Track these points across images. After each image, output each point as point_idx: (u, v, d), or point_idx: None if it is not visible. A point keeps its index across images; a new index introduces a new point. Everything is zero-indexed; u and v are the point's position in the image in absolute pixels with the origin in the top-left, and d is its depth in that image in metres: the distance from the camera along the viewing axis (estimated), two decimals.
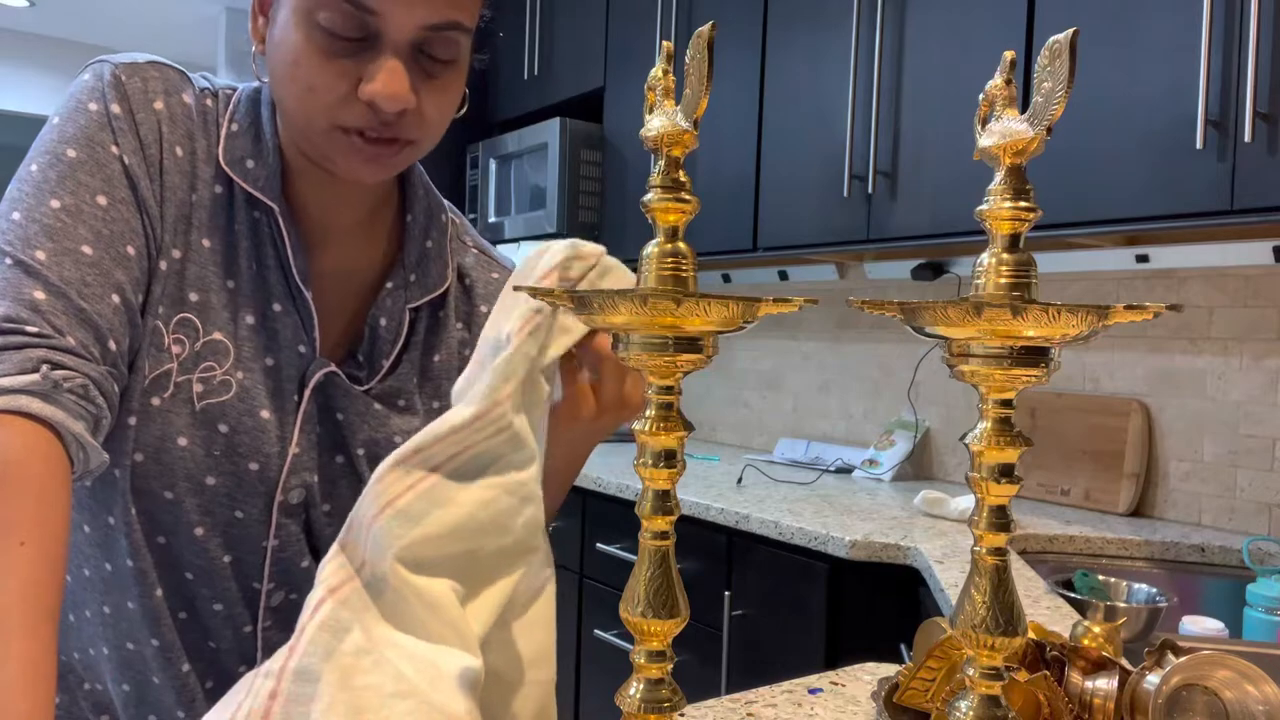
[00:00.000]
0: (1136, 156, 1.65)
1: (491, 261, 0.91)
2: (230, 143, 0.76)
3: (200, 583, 0.77)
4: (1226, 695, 0.67)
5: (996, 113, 0.55)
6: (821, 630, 1.76)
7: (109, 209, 0.70)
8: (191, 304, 0.74)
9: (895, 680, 0.76)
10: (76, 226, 0.68)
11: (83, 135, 0.70)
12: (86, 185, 0.69)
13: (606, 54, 2.94)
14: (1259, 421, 1.86)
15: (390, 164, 0.74)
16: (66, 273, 0.66)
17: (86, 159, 0.70)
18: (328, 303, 0.80)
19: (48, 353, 0.62)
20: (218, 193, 0.75)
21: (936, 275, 2.39)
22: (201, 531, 0.76)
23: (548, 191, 3.01)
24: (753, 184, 2.41)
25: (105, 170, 0.70)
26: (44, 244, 0.66)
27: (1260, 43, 1.48)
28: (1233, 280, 1.90)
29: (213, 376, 0.74)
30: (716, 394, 3.10)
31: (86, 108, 0.71)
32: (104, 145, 0.70)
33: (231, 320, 0.75)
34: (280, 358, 0.77)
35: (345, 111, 0.69)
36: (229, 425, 0.74)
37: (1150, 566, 1.74)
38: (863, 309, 0.54)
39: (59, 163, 0.69)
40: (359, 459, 0.80)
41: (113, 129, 0.71)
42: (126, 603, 0.76)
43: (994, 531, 0.57)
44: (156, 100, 0.73)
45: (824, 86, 2.24)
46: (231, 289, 0.75)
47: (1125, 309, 0.50)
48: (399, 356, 0.82)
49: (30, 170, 0.69)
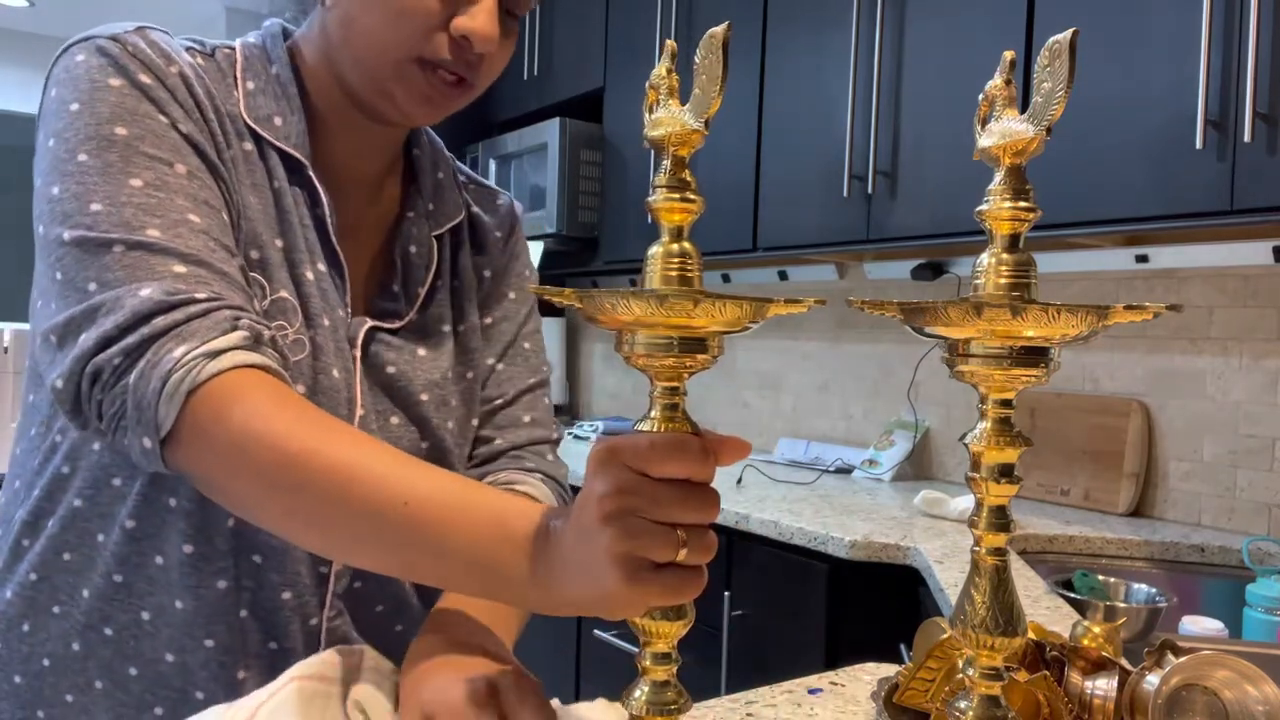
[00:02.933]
0: (1136, 156, 1.65)
1: (491, 190, 0.94)
2: (251, 100, 0.74)
3: (270, 566, 0.73)
4: (1226, 695, 0.67)
5: (996, 113, 0.55)
6: (821, 630, 1.76)
7: (189, 176, 0.67)
8: (253, 261, 0.72)
9: (895, 680, 0.76)
10: (172, 198, 0.64)
11: (123, 110, 0.66)
12: (158, 157, 0.66)
13: (606, 54, 2.94)
14: (1259, 421, 1.86)
15: (447, 107, 0.74)
16: (192, 242, 0.63)
17: (142, 132, 0.66)
18: (352, 252, 0.79)
19: (230, 312, 0.62)
20: (248, 150, 0.74)
21: (936, 275, 2.39)
22: None
23: (548, 191, 3.00)
24: (753, 184, 2.41)
25: (167, 139, 0.67)
26: (150, 221, 0.62)
27: (1260, 42, 1.48)
28: (1232, 280, 1.90)
29: (285, 335, 0.72)
30: (716, 394, 3.10)
31: (108, 84, 0.66)
32: (151, 116, 0.67)
33: (290, 278, 0.73)
34: (334, 318, 0.75)
35: (430, 43, 0.70)
36: (306, 386, 0.72)
37: (1150, 566, 1.74)
38: (863, 309, 0.54)
39: (112, 144, 0.65)
40: (424, 404, 0.79)
41: (151, 99, 0.67)
42: (175, 602, 0.71)
43: (994, 531, 0.57)
44: (171, 62, 0.70)
45: (824, 86, 2.24)
46: (281, 247, 0.74)
47: (1125, 309, 0.50)
48: (434, 284, 0.83)
49: (80, 161, 0.64)
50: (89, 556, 0.73)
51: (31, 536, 0.75)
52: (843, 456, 2.54)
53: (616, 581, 0.47)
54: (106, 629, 0.73)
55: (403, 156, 0.86)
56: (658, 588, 0.47)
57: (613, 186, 2.95)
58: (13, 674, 0.75)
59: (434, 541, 0.56)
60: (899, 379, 2.54)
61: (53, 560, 0.74)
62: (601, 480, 0.47)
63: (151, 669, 0.72)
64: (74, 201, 0.63)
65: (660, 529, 0.47)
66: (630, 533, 0.47)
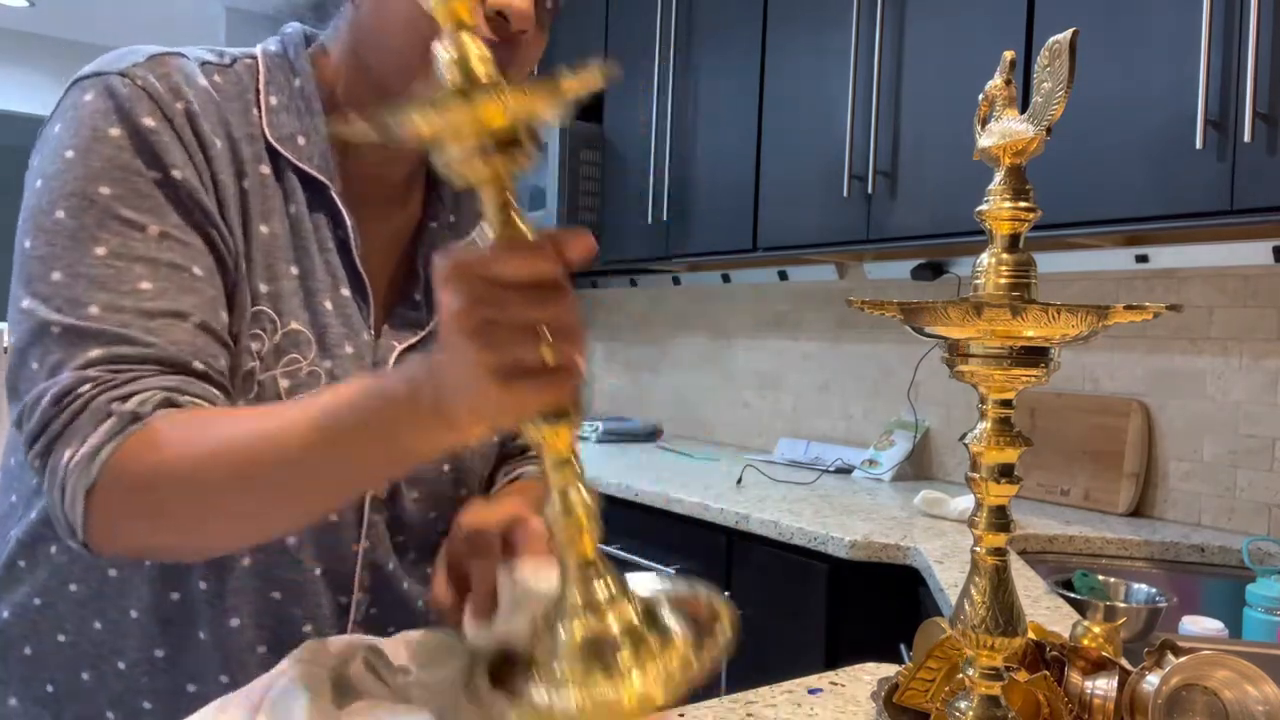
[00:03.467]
0: (1136, 156, 1.65)
1: None
2: (275, 118, 0.73)
3: (290, 601, 0.72)
4: (1226, 695, 0.67)
5: (996, 113, 0.55)
6: (821, 630, 1.76)
7: (163, 237, 0.65)
8: (263, 295, 0.70)
9: (895, 680, 0.76)
10: (131, 266, 0.64)
11: (113, 167, 0.65)
12: (132, 221, 0.65)
13: (606, 54, 2.94)
14: (1259, 421, 1.86)
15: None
16: (126, 317, 0.63)
17: (125, 192, 0.65)
18: (376, 266, 0.78)
19: (109, 393, 0.61)
20: (265, 174, 0.72)
21: (936, 275, 2.39)
22: (294, 541, 0.71)
23: (548, 191, 3.00)
24: (753, 184, 2.41)
25: (149, 200, 0.66)
26: (96, 297, 0.62)
27: (1260, 43, 1.48)
28: (1232, 280, 1.90)
29: (299, 369, 0.70)
30: (716, 394, 3.10)
31: (107, 134, 0.65)
32: (140, 172, 0.66)
33: (305, 307, 0.72)
34: (357, 344, 0.74)
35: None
36: None
37: (1150, 566, 1.74)
38: (863, 309, 0.54)
39: (92, 205, 0.64)
40: None
41: (153, 150, 0.66)
42: (198, 633, 0.71)
43: (994, 531, 0.57)
44: (180, 98, 0.68)
45: (824, 86, 2.24)
46: (298, 275, 0.72)
47: (1125, 309, 0.50)
48: None
49: (57, 219, 0.64)
50: (98, 590, 0.72)
51: (30, 559, 0.74)
52: (843, 456, 2.54)
53: (494, 390, 0.47)
54: (120, 663, 0.72)
55: (424, 164, 0.85)
56: (532, 388, 0.48)
57: (613, 186, 2.95)
58: (9, 696, 0.75)
59: (331, 435, 0.56)
60: (899, 379, 2.53)
61: (58, 589, 0.73)
62: (455, 296, 0.48)
63: (169, 701, 0.72)
64: (40, 265, 0.64)
65: (521, 331, 0.47)
66: (494, 341, 0.47)
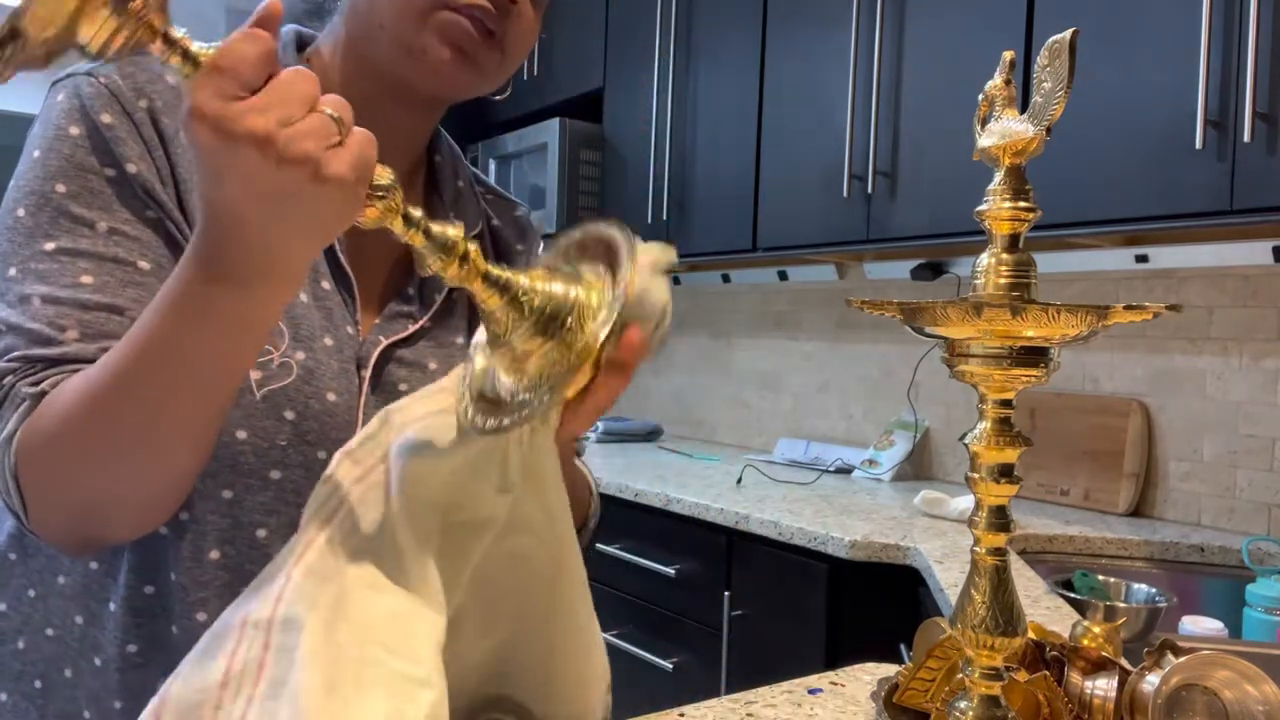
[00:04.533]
0: (1136, 156, 1.65)
1: (509, 201, 0.94)
2: None
3: None
4: (1226, 695, 0.67)
5: (996, 113, 0.55)
6: (821, 630, 1.76)
7: (111, 232, 0.67)
8: None
9: (895, 680, 0.76)
10: (75, 261, 0.66)
11: (69, 166, 0.67)
12: (81, 218, 0.67)
13: (606, 54, 2.94)
14: (1258, 421, 1.86)
15: (478, 61, 0.73)
16: (63, 309, 0.64)
17: (79, 190, 0.67)
18: (372, 263, 0.78)
19: (26, 379, 0.62)
20: None
21: (936, 275, 2.39)
22: (264, 534, 0.70)
23: (547, 191, 3.01)
24: (752, 184, 2.41)
25: (100, 196, 0.68)
26: (37, 290, 0.65)
27: (1260, 43, 1.48)
28: (1232, 280, 1.90)
29: (270, 360, 0.70)
30: (716, 394, 3.10)
31: (68, 133, 0.68)
32: (94, 170, 0.68)
33: None
34: (338, 337, 0.74)
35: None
36: (295, 411, 0.70)
37: (1150, 566, 1.74)
38: (862, 309, 0.54)
39: (48, 203, 0.67)
40: None
41: (107, 145, 0.68)
42: (171, 628, 0.70)
43: (994, 532, 0.57)
44: (144, 95, 0.70)
45: (824, 86, 2.24)
46: None
47: (1125, 309, 0.50)
48: (450, 295, 0.81)
49: (18, 216, 0.67)
50: (83, 583, 0.72)
51: (20, 551, 0.74)
52: (843, 456, 2.54)
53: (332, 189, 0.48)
54: (96, 659, 0.72)
55: (424, 165, 0.85)
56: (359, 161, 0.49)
57: (612, 186, 2.95)
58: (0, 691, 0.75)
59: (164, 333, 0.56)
60: (899, 379, 2.53)
61: (50, 581, 0.73)
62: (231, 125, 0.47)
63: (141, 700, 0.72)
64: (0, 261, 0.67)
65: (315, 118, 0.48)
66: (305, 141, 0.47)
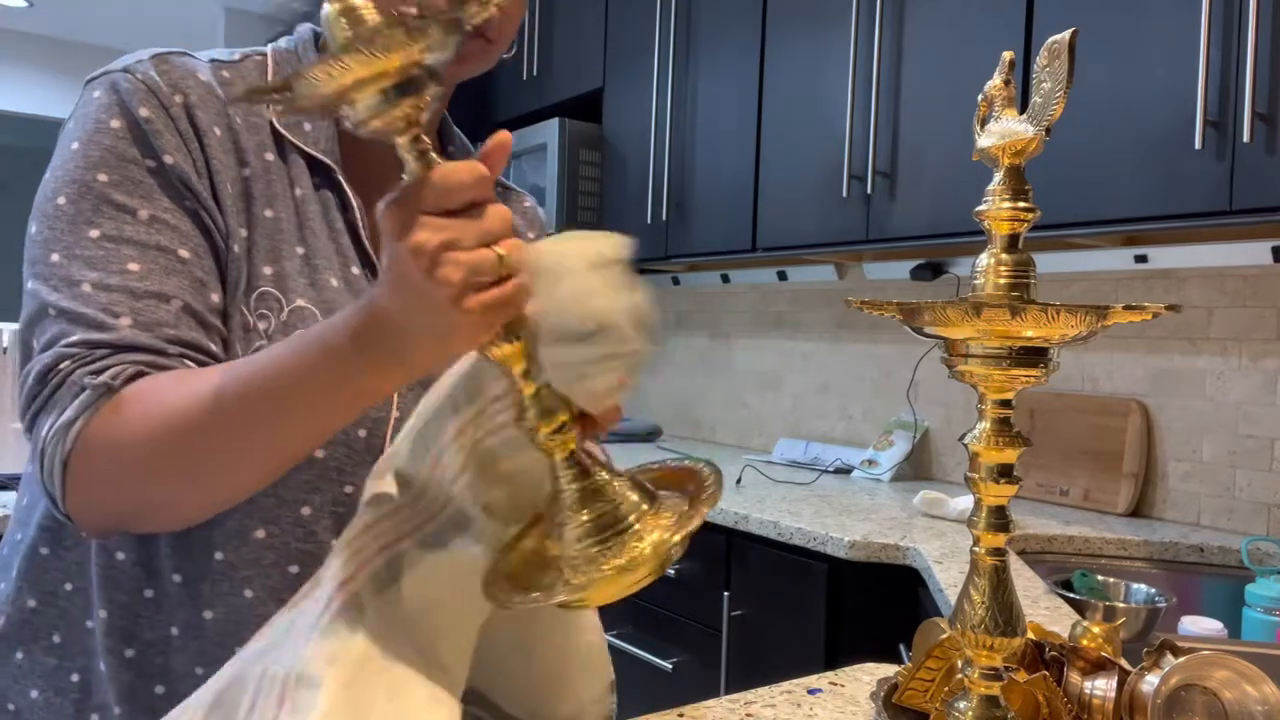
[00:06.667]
0: (1136, 156, 1.65)
1: (517, 192, 0.97)
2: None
3: (306, 576, 0.71)
4: (1225, 695, 0.67)
5: (996, 113, 0.55)
6: (821, 630, 1.76)
7: (152, 220, 0.69)
8: (267, 277, 0.73)
9: (894, 680, 0.76)
10: (120, 248, 0.67)
11: (111, 156, 0.69)
12: (124, 205, 0.68)
13: (606, 54, 2.94)
14: (1258, 422, 1.86)
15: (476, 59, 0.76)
16: (115, 296, 0.66)
17: (120, 179, 0.69)
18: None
19: (85, 368, 0.64)
20: (270, 160, 0.75)
21: (936, 275, 2.39)
22: (309, 511, 0.72)
23: (547, 191, 3.00)
24: (752, 184, 2.41)
25: (142, 186, 0.69)
26: (87, 276, 0.66)
27: (1259, 43, 1.48)
28: (1232, 280, 1.90)
29: None
30: (716, 394, 3.10)
31: (108, 126, 0.70)
32: (136, 161, 0.70)
33: (312, 285, 0.75)
34: None
35: None
36: None
37: (1149, 567, 1.74)
38: (862, 309, 0.54)
39: (90, 191, 0.68)
40: None
41: (147, 138, 0.70)
42: (203, 613, 0.71)
43: (993, 532, 0.57)
44: (179, 91, 0.72)
45: (823, 87, 2.24)
46: (303, 254, 0.75)
47: (1124, 309, 0.50)
48: None
49: (58, 204, 0.68)
50: (116, 573, 0.73)
51: (53, 545, 0.75)
52: (842, 457, 2.54)
53: (463, 317, 0.50)
54: (127, 650, 0.72)
55: (440, 149, 0.87)
56: (496, 304, 0.50)
57: (612, 186, 2.95)
58: (29, 689, 0.75)
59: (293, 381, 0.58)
60: (899, 379, 2.53)
61: (87, 573, 0.74)
62: (407, 231, 0.49)
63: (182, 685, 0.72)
64: (42, 248, 0.68)
65: (479, 252, 0.49)
66: (457, 269, 0.49)
